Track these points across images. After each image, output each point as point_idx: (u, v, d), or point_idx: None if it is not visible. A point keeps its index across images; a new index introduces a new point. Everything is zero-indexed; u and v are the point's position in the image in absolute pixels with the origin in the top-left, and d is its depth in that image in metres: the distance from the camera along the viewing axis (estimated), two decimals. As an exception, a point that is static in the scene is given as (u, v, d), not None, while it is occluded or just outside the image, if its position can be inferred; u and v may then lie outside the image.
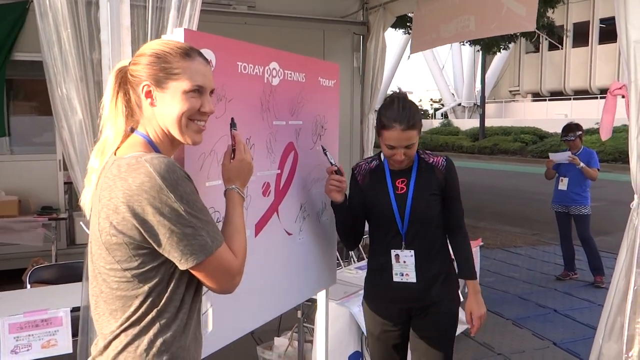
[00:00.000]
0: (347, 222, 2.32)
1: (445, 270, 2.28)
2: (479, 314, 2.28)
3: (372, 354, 2.41)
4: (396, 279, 2.25)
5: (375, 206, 2.27)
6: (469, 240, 2.35)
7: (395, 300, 2.28)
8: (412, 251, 2.21)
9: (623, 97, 3.45)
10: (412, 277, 2.22)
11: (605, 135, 3.68)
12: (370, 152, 6.96)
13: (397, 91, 2.22)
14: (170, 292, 1.30)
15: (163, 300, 1.30)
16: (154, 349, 1.28)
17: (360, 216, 2.34)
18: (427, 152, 2.31)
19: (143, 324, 1.29)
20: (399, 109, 2.11)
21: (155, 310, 1.29)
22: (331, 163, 2.27)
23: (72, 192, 5.86)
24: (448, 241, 2.33)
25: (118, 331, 1.29)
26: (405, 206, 2.21)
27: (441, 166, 2.25)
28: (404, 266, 2.23)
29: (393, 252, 2.24)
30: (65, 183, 5.89)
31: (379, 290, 2.32)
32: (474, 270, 2.33)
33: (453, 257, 2.35)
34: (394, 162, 2.20)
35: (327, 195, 2.26)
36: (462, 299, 2.40)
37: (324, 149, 2.31)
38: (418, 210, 2.20)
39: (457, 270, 2.35)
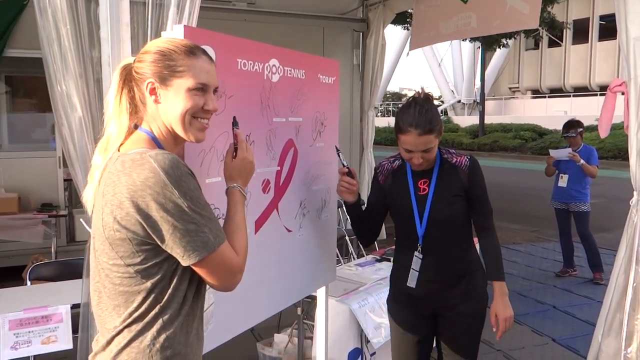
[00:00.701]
0: (360, 221, 2.32)
1: (471, 270, 2.24)
2: (505, 316, 2.20)
3: (396, 349, 2.36)
4: (410, 283, 2.23)
5: (396, 207, 2.25)
6: (496, 240, 2.27)
7: (414, 299, 2.26)
8: (426, 255, 2.19)
9: (622, 94, 3.45)
10: (428, 280, 2.20)
11: (603, 133, 3.68)
12: (370, 150, 6.96)
13: (420, 92, 2.15)
14: (173, 289, 1.31)
15: (166, 297, 1.30)
16: (157, 345, 1.29)
17: (378, 215, 2.32)
18: (450, 151, 2.25)
19: (146, 320, 1.29)
20: (416, 113, 2.05)
21: (158, 306, 1.30)
22: (343, 164, 2.26)
23: (72, 189, 5.86)
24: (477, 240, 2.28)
25: (121, 327, 1.30)
26: (425, 208, 2.17)
27: (464, 166, 2.19)
28: (418, 269, 2.21)
29: (410, 252, 2.21)
30: (65, 180, 5.89)
31: (401, 289, 2.29)
32: (501, 272, 2.24)
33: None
34: (412, 165, 2.18)
35: (339, 195, 2.27)
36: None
37: (337, 150, 2.32)
38: (438, 212, 2.16)
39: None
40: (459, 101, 38.54)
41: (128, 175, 1.24)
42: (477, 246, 2.36)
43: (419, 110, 2.06)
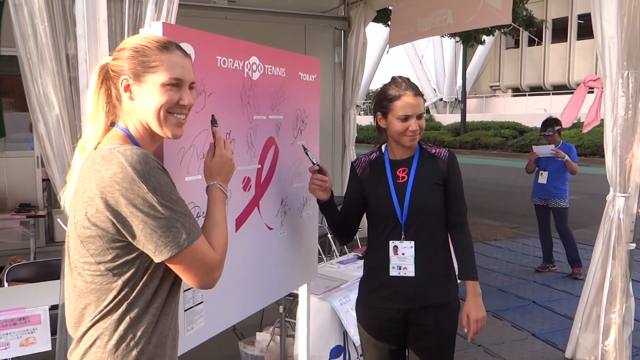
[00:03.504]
0: (336, 218, 2.28)
1: (447, 270, 2.18)
2: (477, 317, 2.15)
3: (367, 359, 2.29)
4: (393, 272, 2.12)
5: (374, 197, 2.18)
6: (471, 238, 2.22)
7: (393, 298, 2.14)
8: (412, 242, 2.11)
9: (591, 91, 3.53)
10: (410, 271, 2.10)
11: (566, 122, 3.77)
12: (352, 147, 6.98)
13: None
14: (142, 286, 1.29)
15: (133, 294, 1.28)
16: (123, 344, 1.28)
17: (355, 211, 2.27)
18: (429, 144, 2.25)
19: (114, 317, 1.28)
20: (404, 80, 2.14)
21: (125, 303, 1.28)
22: (313, 162, 2.23)
23: (50, 189, 5.78)
24: (450, 239, 2.23)
25: (90, 324, 1.29)
26: (404, 195, 2.12)
27: (444, 156, 2.18)
28: (402, 259, 2.12)
29: (391, 244, 2.12)
30: (43, 180, 5.81)
31: (376, 289, 2.19)
32: (474, 271, 2.17)
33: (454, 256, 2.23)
34: (409, 136, 2.11)
35: (312, 193, 2.24)
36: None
37: (305, 149, 2.27)
38: (418, 199, 2.11)
39: (457, 271, 2.22)
40: (441, 99, 38.82)
41: (97, 171, 1.23)
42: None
43: (404, 79, 2.16)
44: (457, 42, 11.79)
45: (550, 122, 5.69)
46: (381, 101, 2.16)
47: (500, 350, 3.95)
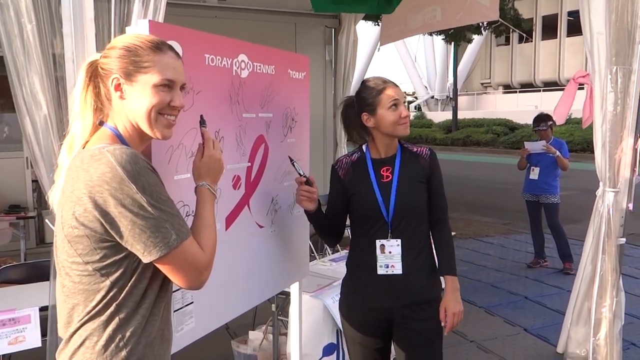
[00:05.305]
0: (324, 224, 2.28)
1: (429, 267, 2.20)
2: (454, 311, 2.16)
3: (353, 359, 2.31)
4: (380, 271, 2.13)
5: (358, 197, 2.18)
6: (450, 234, 2.27)
7: (380, 297, 2.16)
8: (399, 240, 2.12)
9: (582, 87, 3.55)
10: (398, 269, 2.12)
11: (559, 119, 3.79)
12: (343, 145, 6.97)
13: None
14: (131, 287, 1.28)
15: (122, 295, 1.28)
16: (112, 345, 1.27)
17: (341, 213, 2.27)
18: (408, 143, 2.27)
19: (102, 318, 1.27)
20: (377, 77, 2.20)
21: (114, 304, 1.27)
22: (300, 174, 2.22)
23: (40, 190, 5.75)
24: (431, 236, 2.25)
25: (78, 325, 1.28)
26: (390, 194, 2.13)
27: (425, 155, 2.21)
28: (390, 257, 2.13)
29: (378, 243, 2.13)
30: (33, 181, 5.78)
31: (361, 288, 2.20)
32: (454, 266, 2.22)
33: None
34: (403, 124, 2.13)
35: (299, 204, 2.23)
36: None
37: (291, 160, 2.26)
38: (404, 197, 2.13)
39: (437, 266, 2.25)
40: (432, 97, 38.91)
41: (86, 170, 1.22)
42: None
43: (377, 76, 2.22)
44: (442, 39, 11.79)
45: (543, 118, 5.73)
46: (364, 101, 2.16)
47: (492, 346, 3.97)
